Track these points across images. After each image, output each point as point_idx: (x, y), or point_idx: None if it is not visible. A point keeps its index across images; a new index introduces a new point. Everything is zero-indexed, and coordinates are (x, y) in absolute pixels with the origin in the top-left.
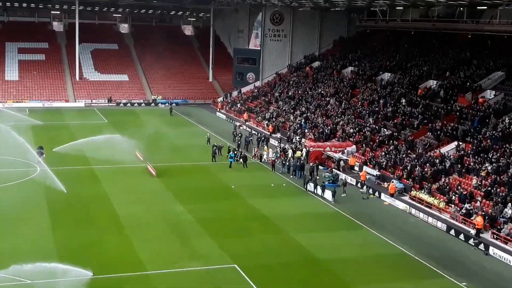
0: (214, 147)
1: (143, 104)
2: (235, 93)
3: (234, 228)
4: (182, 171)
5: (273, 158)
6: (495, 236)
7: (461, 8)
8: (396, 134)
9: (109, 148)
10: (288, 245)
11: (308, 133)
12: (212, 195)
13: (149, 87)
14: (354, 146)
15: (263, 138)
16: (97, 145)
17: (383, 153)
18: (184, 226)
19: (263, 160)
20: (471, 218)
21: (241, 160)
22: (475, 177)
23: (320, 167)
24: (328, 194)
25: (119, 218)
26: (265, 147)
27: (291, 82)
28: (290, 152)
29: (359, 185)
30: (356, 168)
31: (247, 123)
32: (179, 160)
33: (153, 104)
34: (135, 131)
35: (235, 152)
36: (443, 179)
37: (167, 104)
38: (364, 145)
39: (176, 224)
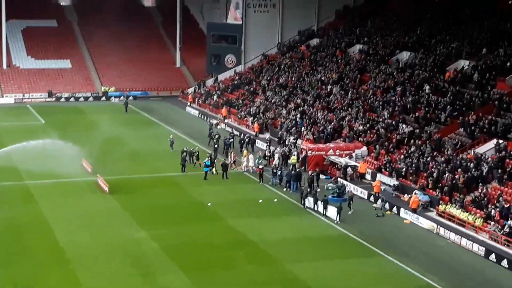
0: (184, 153)
1: (90, 99)
2: (210, 82)
3: (213, 258)
4: (143, 186)
5: (259, 166)
6: None
7: None
8: (418, 131)
9: (47, 158)
10: (283, 279)
11: (305, 132)
12: (183, 216)
13: (98, 76)
14: (364, 148)
15: (247, 140)
16: (32, 153)
17: (402, 157)
18: (147, 257)
19: (242, 168)
20: None
21: (217, 170)
22: None
23: (321, 176)
24: (332, 212)
25: (62, 250)
26: (245, 151)
27: (282, 67)
28: (276, 157)
29: (371, 198)
30: (368, 177)
31: (226, 120)
32: (139, 171)
33: (103, 98)
34: (80, 134)
35: (211, 158)
36: (479, 189)
37: (121, 98)
38: (377, 146)
39: (136, 255)
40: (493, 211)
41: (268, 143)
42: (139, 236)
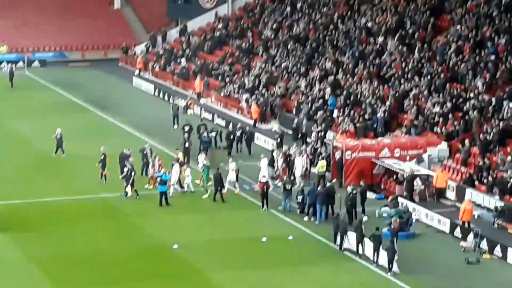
0: (125, 158)
1: None
2: (173, 34)
3: None
4: (61, 217)
5: (265, 180)
6: None
7: None
8: None
9: None
10: None
11: (340, 120)
12: (131, 269)
13: None
14: (444, 145)
15: (239, 135)
16: None
17: (509, 159)
18: None
19: (173, 188)
20: None
21: (205, 187)
22: None
23: (369, 194)
24: (385, 257)
25: None
26: (230, 159)
27: (299, 5)
28: (299, 163)
29: (457, 232)
30: (451, 195)
31: (202, 101)
32: (52, 191)
33: None
34: None
35: (181, 164)
36: None
37: (5, 65)
38: (466, 141)
39: None
40: None
41: (277, 139)
42: None
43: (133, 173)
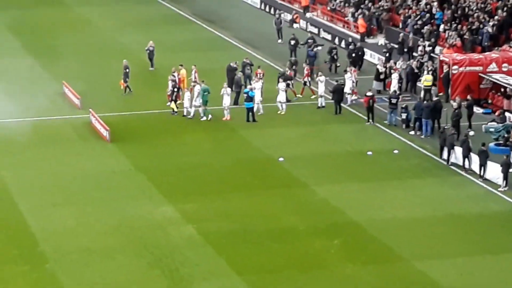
0: (233, 71)
1: None
2: None
3: (290, 253)
4: (166, 129)
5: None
6: None
7: None
8: None
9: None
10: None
11: (447, 34)
12: (235, 179)
13: None
14: None
15: (351, 50)
16: None
17: None
18: (179, 251)
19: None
20: None
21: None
22: None
23: (476, 109)
24: (495, 171)
25: (36, 240)
26: (319, 72)
27: None
28: (396, 77)
29: None
30: None
31: (308, 15)
32: (156, 104)
33: None
34: (58, 40)
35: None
36: None
37: None
38: None
39: (160, 247)
40: None
41: (386, 52)
42: (164, 216)
43: (175, 89)
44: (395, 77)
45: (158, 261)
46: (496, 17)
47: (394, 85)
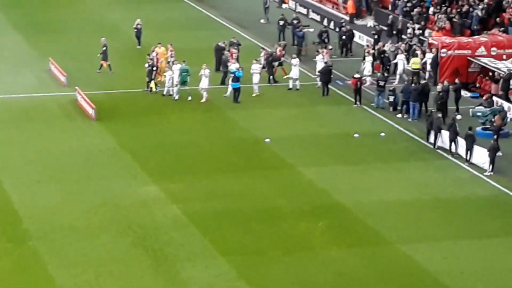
0: (221, 50)
1: None
2: None
3: (275, 234)
4: (151, 107)
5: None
6: None
7: None
8: None
9: None
10: (397, 269)
11: (436, 17)
12: (220, 160)
13: None
14: None
15: (342, 33)
16: None
17: None
18: (163, 232)
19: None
20: None
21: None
22: None
23: (464, 93)
24: (482, 156)
25: (19, 218)
26: (293, 55)
27: None
28: (401, 59)
29: None
30: None
31: None
32: (144, 82)
33: None
34: (42, 16)
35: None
36: None
37: None
38: None
39: (145, 227)
40: None
41: (375, 34)
42: (149, 195)
43: (153, 68)
44: (368, 60)
45: (142, 240)
46: (485, 1)
47: (368, 68)
